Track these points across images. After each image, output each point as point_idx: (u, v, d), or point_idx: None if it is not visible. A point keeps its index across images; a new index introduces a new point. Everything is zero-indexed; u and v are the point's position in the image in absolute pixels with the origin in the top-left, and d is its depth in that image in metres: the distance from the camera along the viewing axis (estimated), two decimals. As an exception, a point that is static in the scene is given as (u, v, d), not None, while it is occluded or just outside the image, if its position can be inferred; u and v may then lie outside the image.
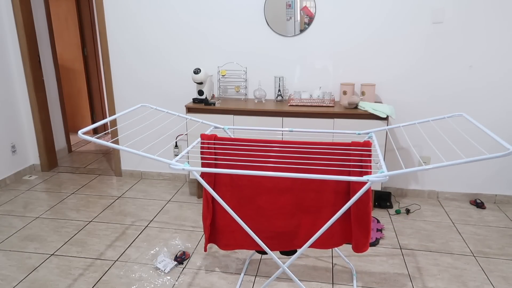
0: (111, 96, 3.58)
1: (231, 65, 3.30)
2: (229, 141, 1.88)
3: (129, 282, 2.20)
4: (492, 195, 3.23)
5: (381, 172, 1.43)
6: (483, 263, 2.38)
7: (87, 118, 5.17)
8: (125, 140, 3.62)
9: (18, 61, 3.63)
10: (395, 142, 3.25)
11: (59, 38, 4.80)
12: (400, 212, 3.04)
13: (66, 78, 4.99)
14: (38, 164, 3.93)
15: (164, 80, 3.46)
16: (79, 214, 3.01)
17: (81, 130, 1.57)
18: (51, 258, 2.43)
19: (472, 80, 3.01)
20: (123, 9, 3.33)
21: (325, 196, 1.78)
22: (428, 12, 2.92)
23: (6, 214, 3.01)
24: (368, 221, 1.74)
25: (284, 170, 1.75)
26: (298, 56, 3.19)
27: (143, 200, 3.27)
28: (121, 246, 2.57)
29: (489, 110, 3.05)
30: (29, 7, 3.59)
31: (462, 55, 2.98)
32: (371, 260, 2.42)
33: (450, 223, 2.88)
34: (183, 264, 2.37)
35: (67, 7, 4.75)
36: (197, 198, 3.32)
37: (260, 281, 2.21)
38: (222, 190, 1.87)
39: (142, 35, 3.37)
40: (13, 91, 3.67)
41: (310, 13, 3.07)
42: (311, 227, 1.81)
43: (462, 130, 3.05)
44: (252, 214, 1.86)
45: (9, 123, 3.64)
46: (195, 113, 3.04)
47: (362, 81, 3.14)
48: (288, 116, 2.90)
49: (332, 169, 1.73)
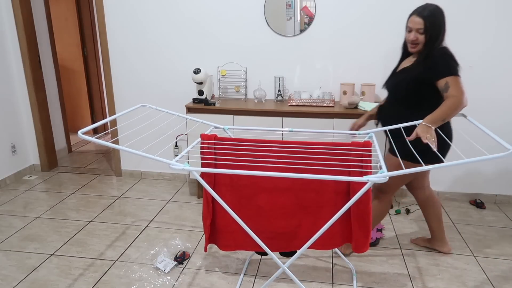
0: (111, 96, 3.58)
1: (231, 65, 3.30)
2: (229, 141, 1.88)
3: (129, 282, 2.20)
4: (492, 195, 3.22)
5: (381, 172, 1.43)
6: (483, 263, 2.38)
7: (87, 118, 5.17)
8: (125, 140, 3.62)
9: (18, 61, 3.63)
10: (395, 142, 3.24)
11: (59, 38, 4.79)
12: (400, 212, 3.04)
13: (66, 78, 4.98)
14: (38, 164, 3.93)
15: (164, 80, 3.46)
16: (79, 214, 3.01)
17: (81, 130, 1.57)
18: (51, 258, 2.43)
19: (472, 80, 3.01)
20: (123, 9, 3.33)
21: (325, 196, 1.78)
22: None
23: (6, 214, 3.01)
24: (368, 221, 1.74)
25: (284, 170, 1.75)
26: (298, 56, 3.19)
27: (143, 200, 3.27)
28: (121, 246, 2.57)
29: (489, 110, 3.04)
30: (29, 7, 3.59)
31: (462, 55, 2.97)
32: (371, 260, 2.42)
33: (450, 223, 2.88)
34: (183, 264, 2.37)
35: (67, 7, 4.75)
36: (197, 198, 3.32)
37: (260, 281, 2.21)
38: (222, 190, 1.87)
39: (142, 35, 3.37)
40: (13, 91, 3.67)
41: (310, 13, 3.07)
42: (311, 227, 1.81)
43: (462, 130, 3.04)
44: (252, 215, 1.86)
45: (9, 123, 3.64)
46: (195, 113, 3.04)
47: (362, 81, 3.14)
48: (288, 116, 2.90)
49: (332, 169, 1.73)
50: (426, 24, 1.94)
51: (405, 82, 2.06)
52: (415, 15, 1.98)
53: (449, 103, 1.87)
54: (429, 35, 1.96)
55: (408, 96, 2.07)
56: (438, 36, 1.98)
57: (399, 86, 2.09)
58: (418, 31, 1.97)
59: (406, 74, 2.07)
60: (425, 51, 2.00)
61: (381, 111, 2.27)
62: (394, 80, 2.16)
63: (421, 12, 1.96)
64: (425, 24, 1.94)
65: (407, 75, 2.06)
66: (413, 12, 2.00)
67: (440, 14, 1.98)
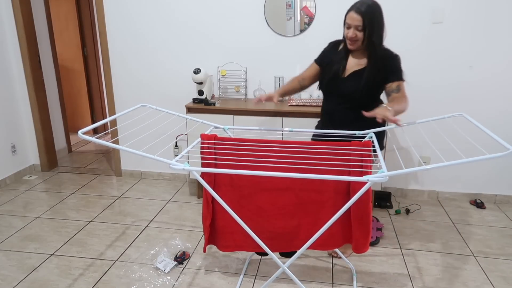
0: (111, 96, 3.58)
1: (231, 65, 3.30)
2: (229, 141, 1.88)
3: (129, 282, 2.20)
4: (492, 195, 3.22)
5: (381, 172, 1.43)
6: (483, 263, 2.38)
7: (87, 118, 5.17)
8: (125, 140, 3.62)
9: (18, 61, 3.63)
10: (395, 142, 3.25)
11: (59, 38, 4.79)
12: (400, 212, 3.04)
13: (66, 78, 4.98)
14: (38, 164, 3.93)
15: (164, 80, 3.46)
16: (79, 214, 3.01)
17: (81, 130, 1.57)
18: (51, 258, 2.43)
19: (472, 80, 3.01)
20: (123, 9, 3.33)
21: (325, 196, 1.78)
22: (428, 12, 2.92)
23: (6, 214, 3.01)
24: (368, 221, 1.74)
25: (284, 170, 1.75)
26: (298, 56, 3.19)
27: (143, 200, 3.27)
28: (121, 246, 2.57)
29: (489, 110, 3.04)
30: (29, 7, 3.58)
31: (462, 55, 2.98)
32: (371, 260, 2.42)
33: (450, 223, 2.88)
34: (183, 264, 2.37)
35: (67, 7, 4.75)
36: (197, 198, 3.32)
37: (260, 281, 2.21)
38: (222, 190, 1.87)
39: (142, 35, 3.37)
40: (13, 91, 3.67)
41: (310, 13, 3.07)
42: (311, 227, 1.81)
43: (462, 130, 3.04)
44: (252, 215, 1.86)
45: (9, 123, 3.64)
46: (195, 113, 3.04)
47: (362, 81, 3.14)
48: (288, 116, 2.90)
49: (332, 169, 1.73)
50: (364, 20, 1.89)
51: (364, 87, 2.03)
52: (353, 11, 1.91)
53: (406, 103, 1.95)
54: (367, 32, 1.92)
55: (362, 99, 2.07)
56: (378, 32, 1.95)
57: (358, 91, 2.05)
58: (357, 28, 1.92)
59: (364, 79, 2.03)
60: (371, 51, 1.98)
61: (332, 115, 2.19)
62: (349, 84, 2.08)
63: (359, 8, 1.89)
64: (363, 20, 1.89)
65: (366, 79, 2.02)
66: (351, 8, 1.93)
67: (378, 10, 1.93)
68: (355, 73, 2.07)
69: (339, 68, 2.11)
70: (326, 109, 2.26)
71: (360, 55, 2.07)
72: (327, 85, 2.17)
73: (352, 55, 2.11)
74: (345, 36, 2.02)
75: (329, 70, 2.14)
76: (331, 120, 2.21)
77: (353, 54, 2.11)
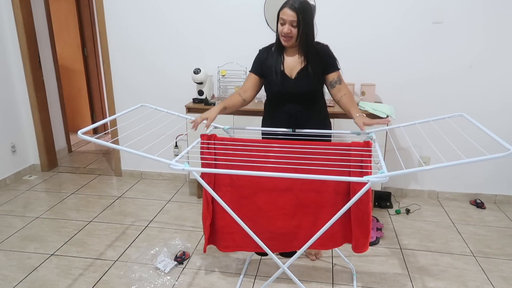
0: (111, 96, 3.58)
1: (231, 65, 3.30)
2: (229, 141, 1.88)
3: (129, 282, 2.20)
4: (492, 195, 3.22)
5: (381, 172, 1.43)
6: (483, 263, 2.38)
7: (87, 118, 5.17)
8: (125, 140, 3.61)
9: (18, 61, 3.63)
10: (395, 142, 3.25)
11: (59, 38, 4.79)
12: (400, 212, 3.04)
13: (66, 78, 4.98)
14: (38, 164, 3.93)
15: (164, 80, 3.46)
16: (79, 214, 3.01)
17: (81, 130, 1.57)
18: (51, 258, 2.43)
19: (472, 80, 3.01)
20: (123, 9, 3.33)
21: (325, 197, 1.78)
22: (428, 12, 2.92)
23: (6, 214, 3.01)
24: (368, 221, 1.74)
25: (284, 170, 1.75)
26: (298, 56, 3.19)
27: (143, 200, 3.27)
28: (121, 246, 2.57)
29: (489, 110, 3.04)
30: (29, 7, 3.58)
31: (462, 55, 2.97)
32: (371, 260, 2.42)
33: (450, 223, 2.88)
34: (183, 264, 2.37)
35: (67, 7, 4.75)
36: (197, 198, 3.32)
37: (260, 281, 2.21)
38: (222, 190, 1.87)
39: (142, 35, 3.37)
40: (13, 91, 3.67)
41: (310, 13, 3.07)
42: (311, 227, 1.81)
43: (462, 130, 3.04)
44: (252, 215, 1.86)
45: (9, 123, 3.64)
46: (195, 113, 3.04)
47: (362, 81, 3.14)
48: (288, 116, 2.90)
49: (332, 169, 1.73)
50: (298, 17, 1.89)
51: (317, 83, 2.05)
52: (287, 8, 1.91)
53: (351, 94, 2.05)
54: (302, 28, 1.92)
55: (315, 94, 2.10)
56: (311, 28, 1.97)
57: (310, 89, 2.06)
58: (292, 23, 1.92)
59: (312, 75, 2.02)
60: (307, 47, 1.99)
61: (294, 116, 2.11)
62: (300, 84, 2.04)
63: (292, 5, 1.90)
64: (298, 17, 1.89)
65: (314, 76, 2.02)
66: (285, 4, 1.94)
67: (309, 7, 1.95)
68: (301, 71, 2.04)
69: (280, 66, 2.07)
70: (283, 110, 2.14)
71: (294, 52, 2.05)
72: (281, 86, 2.07)
73: (286, 53, 2.08)
74: (280, 32, 1.99)
75: (274, 73, 2.07)
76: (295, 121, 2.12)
77: (287, 52, 2.07)
